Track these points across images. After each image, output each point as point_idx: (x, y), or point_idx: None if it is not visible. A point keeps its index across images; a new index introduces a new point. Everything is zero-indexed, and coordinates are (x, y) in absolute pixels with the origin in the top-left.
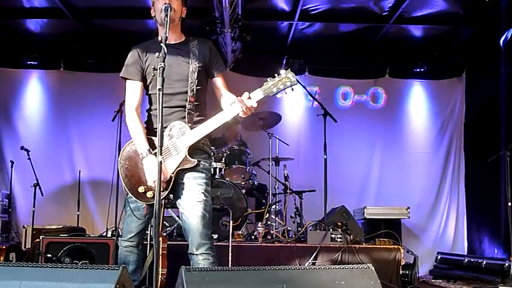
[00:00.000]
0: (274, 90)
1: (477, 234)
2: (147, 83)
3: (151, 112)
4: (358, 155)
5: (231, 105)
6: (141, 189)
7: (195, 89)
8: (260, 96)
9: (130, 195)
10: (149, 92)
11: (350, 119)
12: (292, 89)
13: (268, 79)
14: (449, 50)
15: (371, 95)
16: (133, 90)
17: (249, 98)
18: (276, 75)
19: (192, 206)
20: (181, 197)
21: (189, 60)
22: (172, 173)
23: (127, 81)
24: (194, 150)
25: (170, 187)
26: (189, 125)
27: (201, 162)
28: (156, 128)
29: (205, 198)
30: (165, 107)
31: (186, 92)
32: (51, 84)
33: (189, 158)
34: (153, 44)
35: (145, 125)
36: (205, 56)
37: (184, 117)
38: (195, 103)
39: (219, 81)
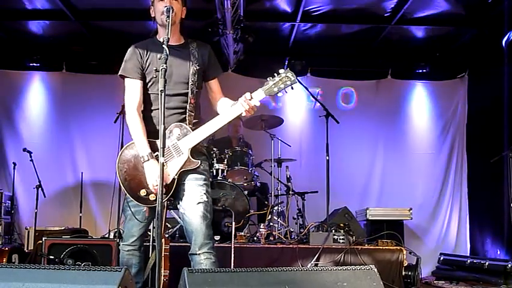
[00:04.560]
0: (275, 90)
1: (480, 235)
2: (146, 82)
3: (148, 113)
4: (360, 156)
5: (233, 106)
6: (142, 192)
7: (195, 91)
8: (262, 96)
9: (131, 198)
10: (148, 92)
11: (352, 120)
12: (292, 88)
13: (268, 79)
14: (451, 50)
15: (372, 96)
16: (133, 88)
17: (251, 98)
18: (275, 74)
19: (194, 207)
20: (183, 198)
21: (190, 62)
22: (176, 175)
23: (126, 79)
24: (194, 151)
25: (173, 189)
26: (190, 126)
27: (202, 163)
28: (152, 131)
29: (206, 200)
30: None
31: (187, 94)
32: (54, 85)
33: (192, 159)
34: (152, 43)
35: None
36: (205, 59)
37: (184, 119)
38: (194, 104)
39: (215, 85)
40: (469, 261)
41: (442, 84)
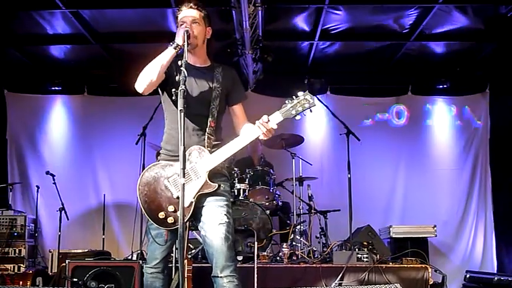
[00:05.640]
0: (293, 113)
1: (506, 252)
2: (169, 97)
3: (169, 131)
4: (382, 173)
5: (250, 129)
6: (161, 215)
7: (216, 114)
8: (279, 119)
9: (151, 221)
10: (168, 109)
11: (373, 137)
12: (311, 111)
13: (287, 101)
14: (471, 65)
15: (393, 113)
16: None
17: (268, 121)
18: (293, 97)
19: (215, 229)
20: (203, 219)
21: (213, 85)
22: (193, 198)
23: None
24: (213, 173)
25: (191, 212)
26: (208, 149)
27: (221, 185)
28: (173, 151)
29: (227, 220)
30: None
31: (207, 116)
32: (75, 109)
33: (210, 182)
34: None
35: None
36: (228, 83)
37: (203, 141)
38: (214, 128)
39: (238, 109)
40: (496, 278)
41: (463, 99)
